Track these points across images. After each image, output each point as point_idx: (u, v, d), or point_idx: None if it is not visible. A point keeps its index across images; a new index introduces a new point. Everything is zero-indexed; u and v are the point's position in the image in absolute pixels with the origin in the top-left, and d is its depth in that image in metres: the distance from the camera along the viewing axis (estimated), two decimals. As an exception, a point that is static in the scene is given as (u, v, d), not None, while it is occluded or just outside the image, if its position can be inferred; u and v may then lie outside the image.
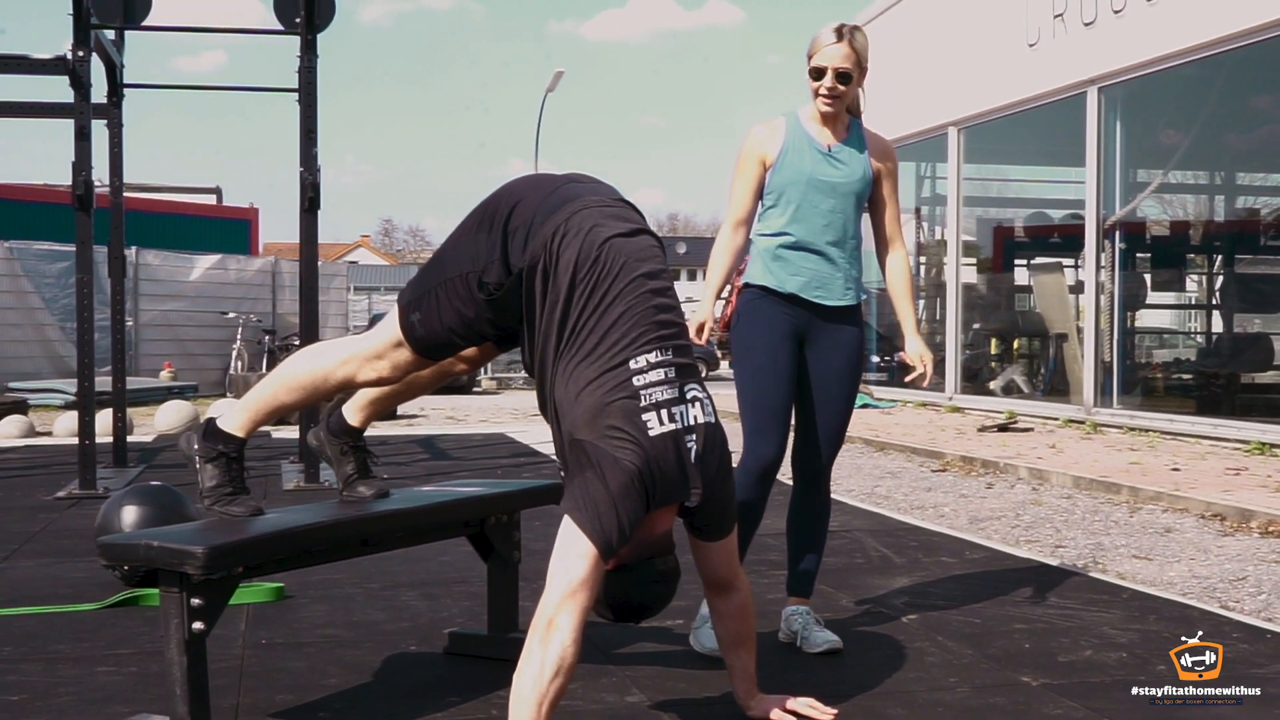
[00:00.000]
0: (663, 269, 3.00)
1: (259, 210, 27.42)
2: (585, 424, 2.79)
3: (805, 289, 3.88)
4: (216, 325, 20.83)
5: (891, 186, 3.99)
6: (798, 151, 3.89)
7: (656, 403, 2.81)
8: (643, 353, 2.84)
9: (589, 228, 2.94)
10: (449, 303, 3.06)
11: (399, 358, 3.19)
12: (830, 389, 3.93)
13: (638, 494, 2.76)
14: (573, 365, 2.86)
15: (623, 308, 2.86)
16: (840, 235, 3.90)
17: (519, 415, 15.66)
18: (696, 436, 2.86)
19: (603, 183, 3.19)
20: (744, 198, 3.97)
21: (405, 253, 78.25)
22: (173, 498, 5.01)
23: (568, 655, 2.67)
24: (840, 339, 3.93)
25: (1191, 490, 7.18)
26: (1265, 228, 14.73)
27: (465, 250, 3.06)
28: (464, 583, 4.94)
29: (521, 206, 3.01)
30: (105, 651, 3.94)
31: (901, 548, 5.71)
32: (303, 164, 7.87)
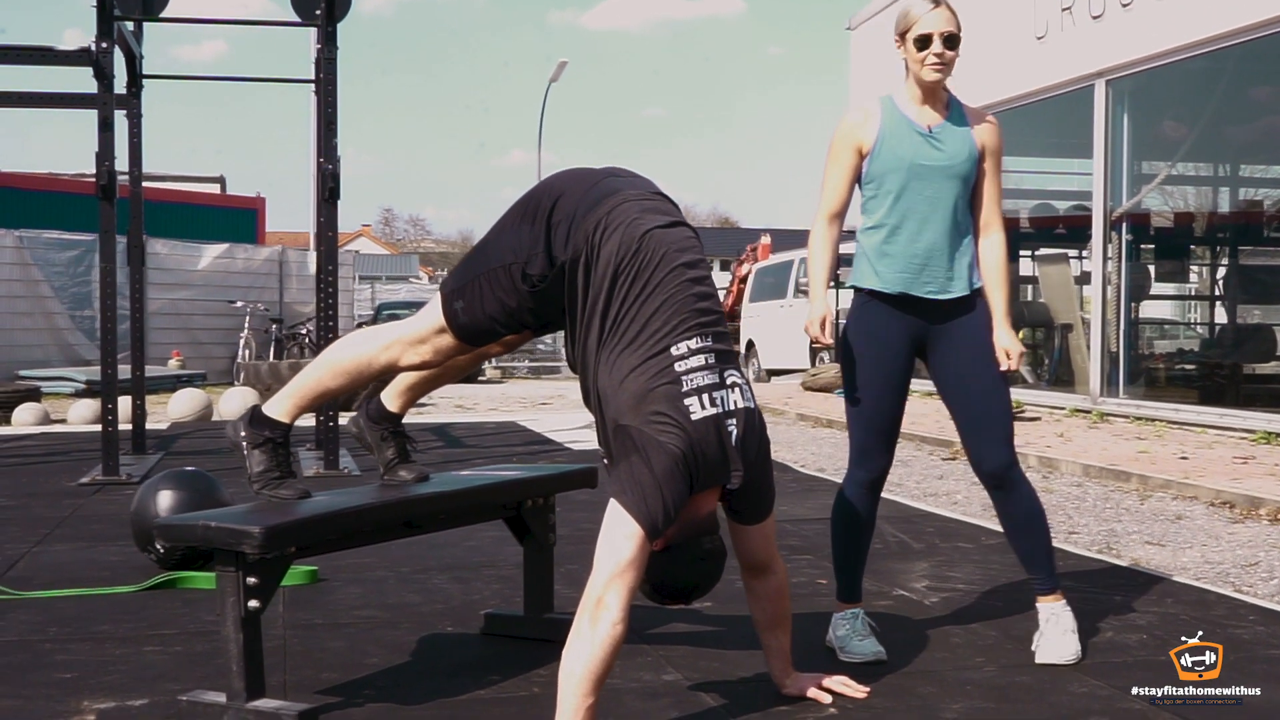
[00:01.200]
0: (701, 259, 3.09)
1: (265, 200, 27.54)
2: (629, 410, 2.89)
3: (914, 286, 3.67)
4: (224, 314, 20.93)
5: (993, 166, 3.75)
6: (896, 136, 3.68)
7: (698, 387, 2.91)
8: (684, 339, 2.94)
9: (629, 220, 3.04)
10: (492, 292, 3.17)
11: (441, 343, 3.29)
12: (972, 379, 3.68)
13: (681, 476, 2.85)
14: (615, 354, 2.96)
15: (664, 296, 2.96)
16: (949, 222, 3.67)
17: (527, 404, 15.75)
18: (737, 421, 2.96)
19: (640, 176, 3.29)
20: (839, 188, 3.75)
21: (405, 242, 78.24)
22: (207, 482, 5.11)
23: (616, 633, 2.77)
24: (967, 327, 3.70)
25: (1200, 478, 7.28)
26: (1268, 220, 14.80)
27: (509, 242, 3.17)
28: (493, 566, 5.04)
29: (564, 200, 3.11)
30: (150, 632, 4.04)
31: (919, 534, 5.81)
32: (323, 154, 7.96)
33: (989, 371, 3.69)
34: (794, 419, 12.34)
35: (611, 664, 2.80)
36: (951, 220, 3.68)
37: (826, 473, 8.30)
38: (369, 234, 76.38)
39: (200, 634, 4.00)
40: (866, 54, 16.80)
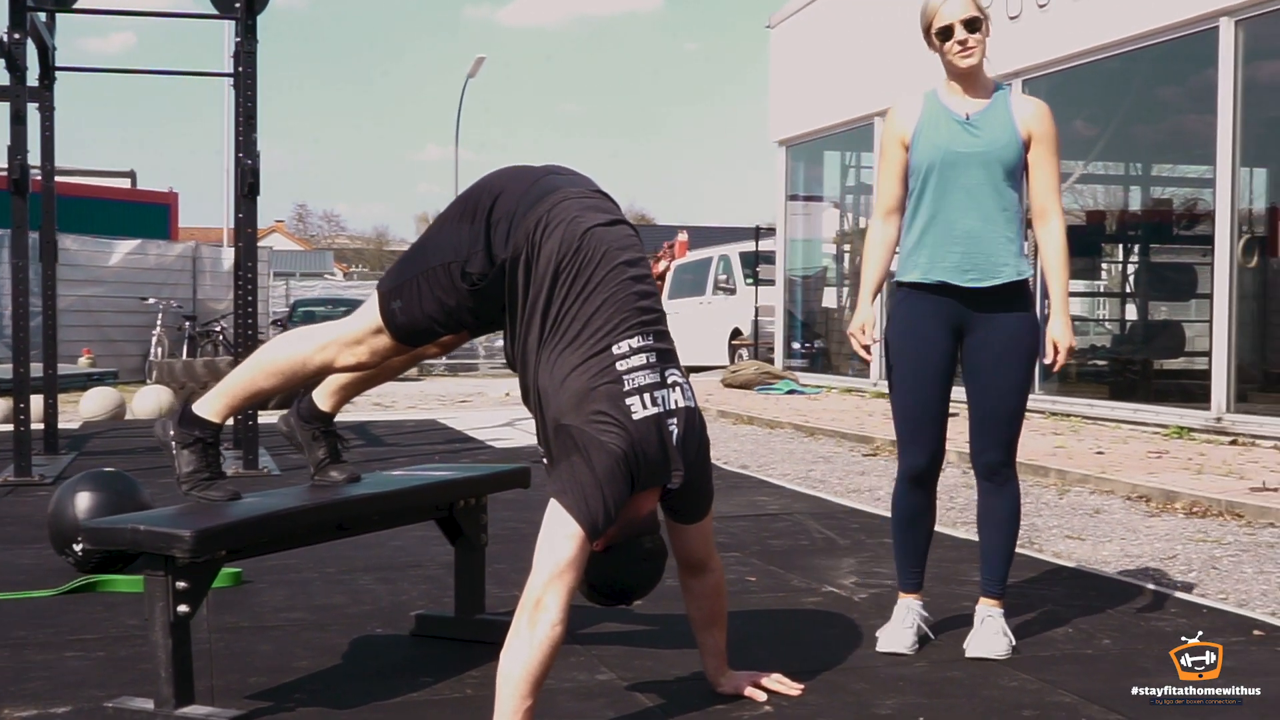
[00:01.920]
0: (642, 257, 3.09)
1: (178, 195, 27.12)
2: (570, 409, 2.88)
3: (953, 274, 3.67)
4: (136, 311, 20.58)
5: (1044, 151, 3.71)
6: (933, 125, 3.70)
7: (639, 386, 2.90)
8: (625, 338, 2.93)
9: (570, 218, 3.03)
10: (431, 291, 3.14)
11: (378, 344, 3.26)
12: (994, 376, 3.72)
13: (622, 476, 2.84)
14: (556, 352, 2.94)
15: (605, 295, 2.96)
16: (989, 209, 3.66)
17: (446, 401, 15.66)
18: (678, 420, 2.96)
19: (580, 174, 3.28)
20: (890, 184, 3.80)
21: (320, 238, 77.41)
22: (126, 483, 5.02)
23: (555, 634, 2.76)
24: (1001, 321, 3.71)
25: (1117, 473, 7.40)
26: (1177, 218, 15.08)
27: (448, 240, 3.14)
28: (419, 566, 5.00)
29: (504, 198, 3.09)
30: (70, 637, 3.95)
31: (844, 530, 5.85)
32: (242, 150, 7.84)
33: (1012, 370, 3.73)
34: (715, 416, 12.38)
35: (550, 665, 2.79)
36: (993, 208, 3.67)
37: (750, 469, 8.33)
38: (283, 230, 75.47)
39: (123, 639, 3.93)
40: (786, 52, 16.89)
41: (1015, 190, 3.72)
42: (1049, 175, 3.75)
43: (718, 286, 20.77)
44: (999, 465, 3.80)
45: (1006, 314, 3.74)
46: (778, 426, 11.29)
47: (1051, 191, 3.76)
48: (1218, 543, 5.71)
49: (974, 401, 3.81)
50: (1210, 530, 6.00)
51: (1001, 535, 3.83)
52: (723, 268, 20.86)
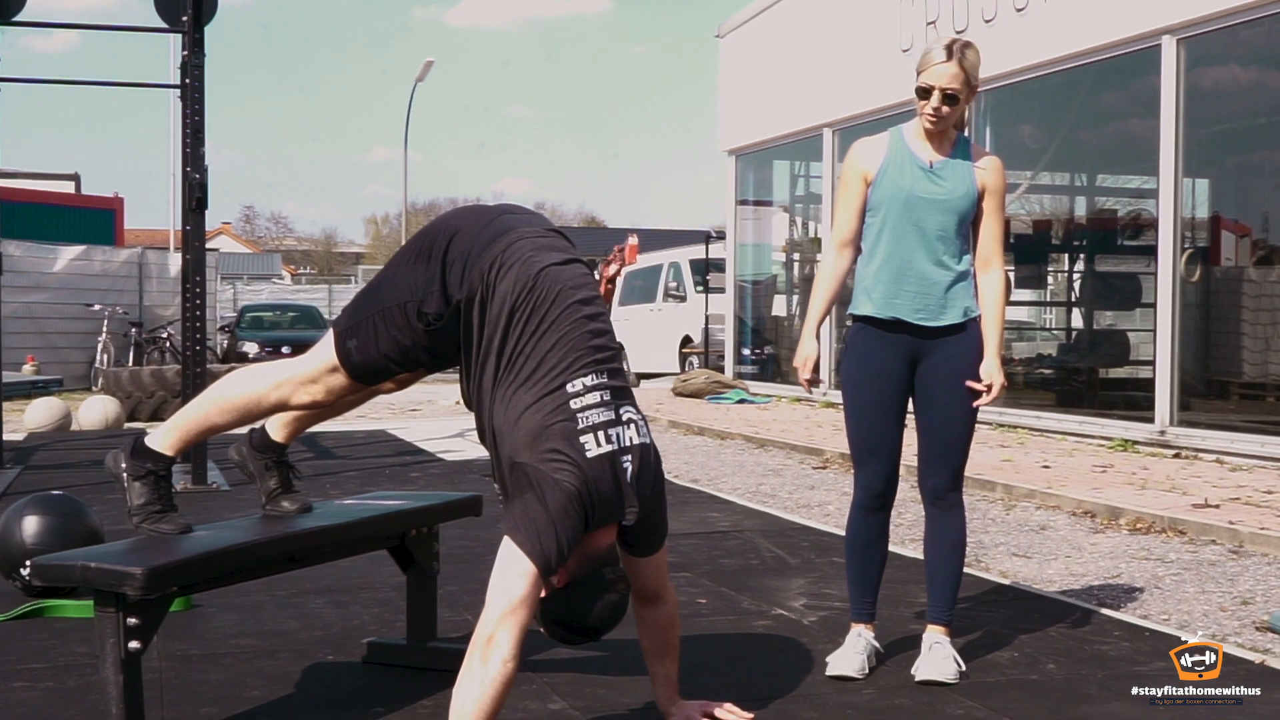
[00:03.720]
0: (596, 295, 3.13)
1: (124, 200, 26.88)
2: (525, 447, 2.91)
3: (906, 312, 3.80)
4: (81, 317, 20.39)
5: (994, 205, 3.85)
6: (898, 168, 3.82)
7: (594, 424, 2.93)
8: (579, 376, 2.96)
9: (524, 258, 3.07)
10: (387, 331, 3.16)
11: (333, 382, 3.28)
12: (941, 404, 3.83)
13: (575, 513, 2.87)
14: (511, 391, 2.97)
15: (559, 334, 2.99)
16: (942, 254, 3.80)
17: (396, 411, 15.59)
18: (632, 457, 2.99)
19: (534, 213, 3.35)
20: (847, 217, 3.91)
21: (267, 239, 76.85)
22: (74, 507, 4.99)
23: (507, 670, 2.78)
24: (950, 353, 3.83)
25: (1063, 488, 7.49)
26: (1122, 227, 15.26)
27: (404, 280, 3.17)
28: (371, 589, 5.00)
29: (459, 238, 3.13)
30: (18, 666, 3.93)
31: (794, 548, 5.89)
32: (189, 164, 7.80)
33: (960, 401, 3.83)
34: (665, 426, 12.42)
35: (502, 701, 2.81)
36: (945, 252, 3.81)
37: (700, 484, 8.37)
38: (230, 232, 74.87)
39: (72, 668, 3.91)
40: (735, 62, 16.97)
41: (964, 239, 3.87)
42: (997, 227, 3.89)
43: (668, 294, 20.80)
44: (946, 491, 3.89)
45: (957, 348, 3.85)
46: (728, 438, 11.34)
47: (997, 242, 3.90)
48: (1161, 560, 5.79)
49: (923, 427, 3.91)
50: (1153, 548, 6.09)
51: (948, 561, 3.91)
52: (673, 275, 20.90)
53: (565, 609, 2.98)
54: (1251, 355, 10.31)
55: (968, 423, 3.88)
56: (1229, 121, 11.43)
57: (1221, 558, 5.83)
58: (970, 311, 3.85)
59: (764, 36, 16.13)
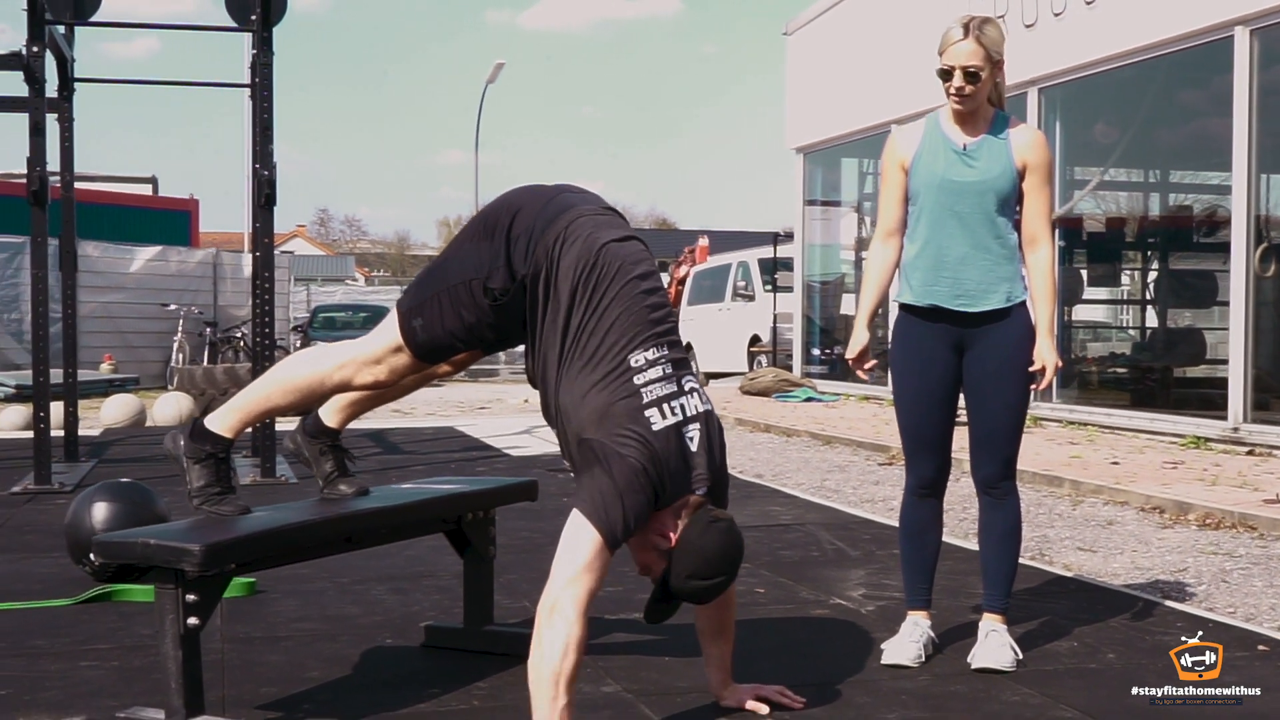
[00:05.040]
0: (654, 271, 3.18)
1: (199, 201, 27.26)
2: (591, 424, 2.96)
3: (944, 299, 3.77)
4: (157, 317, 20.69)
5: (1038, 181, 3.77)
6: (932, 153, 3.79)
7: (658, 398, 2.98)
8: (641, 350, 3.02)
9: (587, 234, 3.12)
10: (453, 308, 3.20)
11: (397, 362, 3.31)
12: (988, 393, 3.79)
13: (642, 487, 2.91)
14: (575, 369, 3.03)
15: (620, 309, 3.04)
16: (982, 237, 3.74)
17: (465, 408, 15.70)
18: (698, 426, 3.03)
19: (590, 193, 3.37)
20: (890, 207, 3.89)
21: (341, 242, 77.60)
22: (143, 493, 5.08)
23: (573, 634, 2.83)
24: (995, 340, 3.77)
25: (1131, 484, 7.40)
26: (1198, 224, 15.05)
27: (469, 258, 3.21)
28: (432, 576, 5.04)
29: (521, 215, 3.18)
30: (85, 647, 4.01)
31: (855, 541, 5.87)
32: (258, 160, 7.90)
33: (1009, 388, 3.79)
34: (732, 423, 12.40)
35: (576, 664, 2.86)
36: (985, 235, 3.75)
37: (764, 479, 8.36)
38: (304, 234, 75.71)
39: (137, 648, 3.98)
40: (803, 59, 16.91)
41: (1009, 218, 3.80)
42: (1042, 204, 3.81)
43: (736, 293, 20.76)
44: (998, 479, 3.86)
45: (1003, 333, 3.80)
46: (794, 435, 11.31)
47: (1043, 219, 3.82)
48: (1229, 555, 5.71)
49: (974, 417, 3.88)
50: (1222, 543, 6.00)
51: (1003, 550, 3.88)
52: (741, 274, 20.85)
53: (690, 562, 2.97)
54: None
55: (1016, 411, 3.84)
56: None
57: (1292, 553, 5.74)
58: (1014, 296, 3.78)
59: (831, 33, 16.07)
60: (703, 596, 3.03)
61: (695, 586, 2.99)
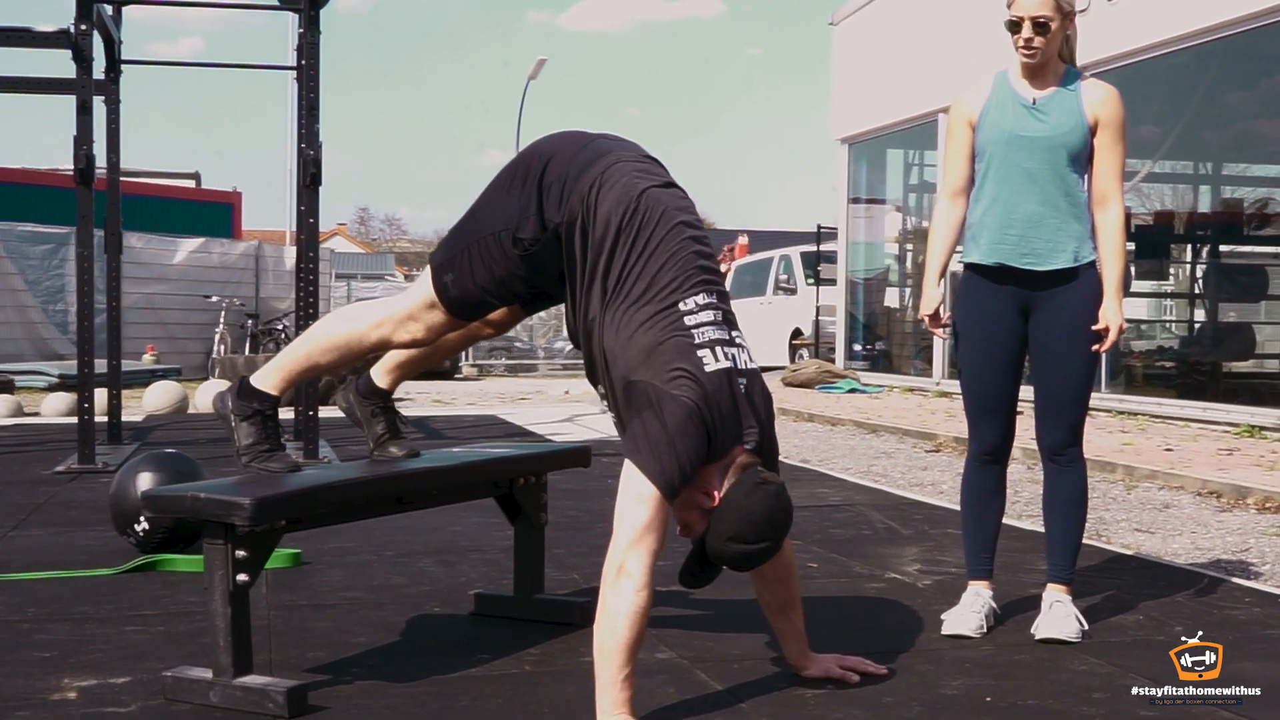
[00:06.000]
0: (698, 218, 3.06)
1: (241, 194, 27.34)
2: (639, 364, 2.82)
3: (1011, 257, 3.66)
4: (200, 309, 20.74)
5: (1110, 138, 3.66)
6: (1000, 108, 3.69)
7: (710, 340, 2.85)
8: (691, 295, 2.89)
9: (625, 180, 2.98)
10: (483, 261, 3.09)
11: (432, 319, 3.21)
12: (1055, 356, 3.68)
13: (696, 429, 2.76)
14: (621, 311, 2.89)
15: (667, 254, 2.91)
16: (1051, 194, 3.64)
17: (505, 399, 15.66)
18: (747, 379, 2.90)
19: (629, 140, 3.23)
20: (957, 165, 3.79)
21: (381, 241, 77.87)
22: (188, 464, 5.04)
23: (641, 599, 2.71)
24: (1065, 302, 3.66)
25: (1186, 469, 7.26)
26: (1247, 219, 14.84)
27: (498, 208, 3.09)
28: (478, 550, 4.98)
29: (555, 162, 3.05)
30: (130, 613, 3.96)
31: (907, 520, 5.77)
32: (304, 140, 7.87)
33: (1075, 351, 3.68)
34: (775, 413, 12.29)
35: (642, 631, 2.74)
36: (1054, 191, 3.64)
37: (810, 464, 8.25)
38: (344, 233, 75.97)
39: (182, 614, 3.93)
40: (849, 49, 16.79)
41: (1079, 175, 3.69)
42: (1113, 162, 3.69)
43: (778, 286, 20.66)
44: (1064, 446, 3.75)
45: (1070, 295, 3.68)
46: (839, 423, 11.20)
47: (1114, 178, 3.70)
48: (1292, 537, 5.58)
49: (1039, 382, 3.77)
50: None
51: (1069, 518, 3.77)
52: (784, 268, 20.75)
53: (732, 524, 2.81)
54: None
55: (1085, 374, 3.73)
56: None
57: (1357, 536, 5.60)
58: (1082, 256, 3.66)
59: (878, 22, 15.94)
60: (743, 562, 2.86)
61: (736, 550, 2.82)
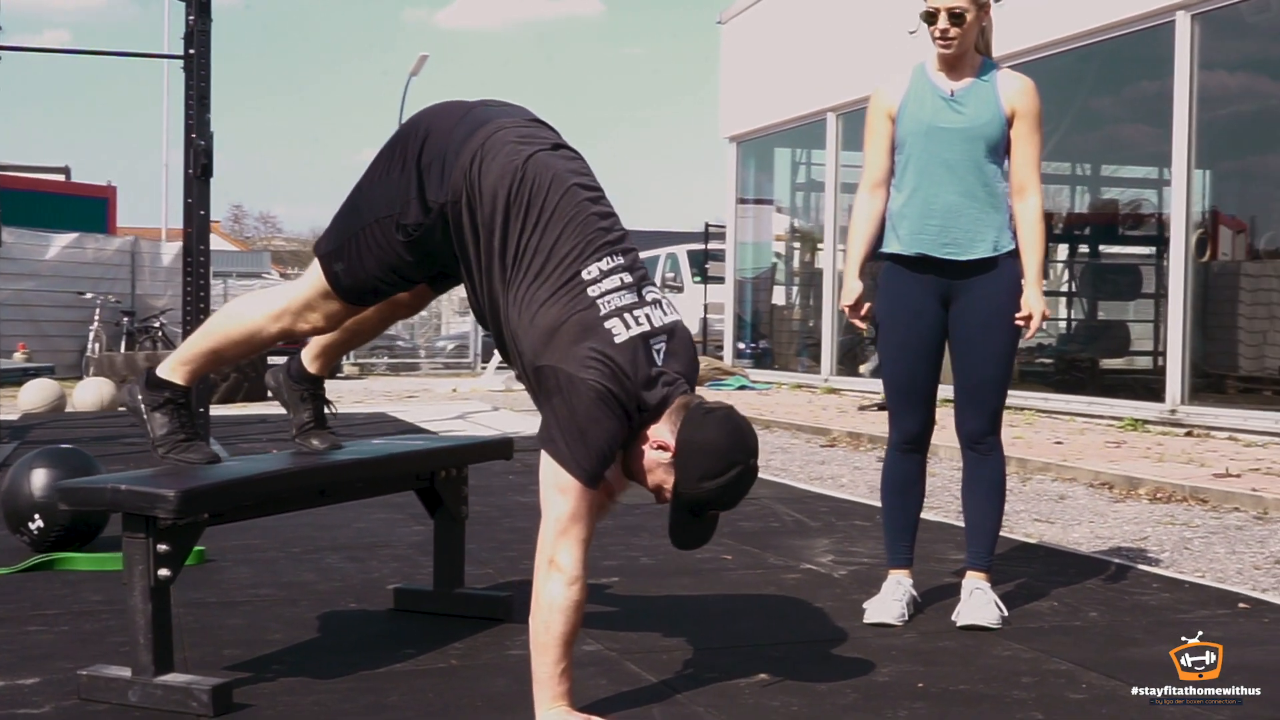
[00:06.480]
0: (591, 177, 2.94)
1: (116, 189, 26.64)
2: (544, 346, 2.70)
3: (932, 247, 3.68)
4: (73, 306, 20.16)
5: (1027, 128, 3.69)
6: (919, 100, 3.71)
7: (618, 308, 2.73)
8: (593, 261, 2.76)
9: (508, 148, 2.85)
10: (369, 250, 2.97)
11: (330, 308, 3.09)
12: (976, 344, 3.71)
13: (607, 413, 2.65)
14: (523, 290, 2.76)
15: (563, 221, 2.79)
16: (970, 184, 3.66)
17: (392, 397, 15.47)
18: (664, 339, 2.78)
19: (514, 104, 3.09)
20: (876, 157, 3.80)
21: (256, 239, 76.63)
22: (84, 460, 4.88)
23: (573, 592, 2.66)
24: (983, 291, 3.69)
25: (1079, 461, 7.41)
26: (1121, 220, 15.21)
27: (379, 193, 2.96)
28: (387, 546, 4.89)
29: (432, 139, 2.92)
30: (31, 612, 3.82)
31: (813, 513, 5.80)
32: (194, 131, 7.67)
33: (995, 340, 3.72)
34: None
35: (578, 624, 2.68)
36: (973, 182, 3.67)
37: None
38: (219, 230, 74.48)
39: (86, 613, 3.80)
40: (737, 48, 16.87)
41: (998, 165, 3.72)
42: (1030, 152, 3.73)
43: (665, 285, 20.72)
44: (983, 434, 3.80)
45: (990, 284, 3.72)
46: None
47: (1031, 168, 3.74)
48: (1186, 525, 5.71)
49: (958, 370, 3.80)
50: (1177, 514, 6.00)
51: (988, 506, 3.82)
52: (670, 266, 20.82)
53: (700, 466, 2.68)
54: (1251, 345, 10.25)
55: (1004, 363, 3.77)
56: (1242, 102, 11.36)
57: (1247, 523, 5.75)
58: (1001, 245, 3.70)
59: (767, 21, 16.04)
60: (723, 496, 2.70)
61: (711, 488, 2.68)
